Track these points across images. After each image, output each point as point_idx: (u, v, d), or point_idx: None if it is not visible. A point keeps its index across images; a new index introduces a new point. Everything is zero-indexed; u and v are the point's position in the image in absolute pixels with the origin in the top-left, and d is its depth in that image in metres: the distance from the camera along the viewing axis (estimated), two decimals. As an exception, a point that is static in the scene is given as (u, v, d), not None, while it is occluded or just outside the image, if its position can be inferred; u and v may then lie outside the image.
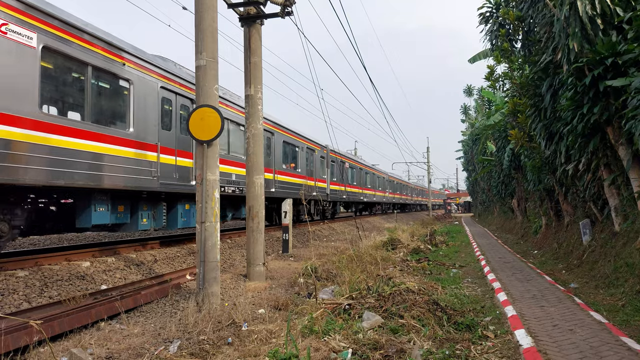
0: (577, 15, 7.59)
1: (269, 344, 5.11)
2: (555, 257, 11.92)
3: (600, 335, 5.06)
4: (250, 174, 10.01)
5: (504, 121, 18.35)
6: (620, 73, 7.30)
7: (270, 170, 16.67)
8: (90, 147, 8.62)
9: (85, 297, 7.19)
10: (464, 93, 49.84)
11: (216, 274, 7.07)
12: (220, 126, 7.06)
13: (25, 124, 7.28)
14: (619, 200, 8.99)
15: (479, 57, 22.33)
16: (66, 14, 8.29)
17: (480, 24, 13.88)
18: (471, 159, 38.57)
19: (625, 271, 7.54)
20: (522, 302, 6.78)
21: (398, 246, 14.79)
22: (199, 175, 7.14)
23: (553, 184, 13.72)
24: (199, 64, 7.27)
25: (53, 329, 5.70)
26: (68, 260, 9.14)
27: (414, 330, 5.25)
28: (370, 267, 9.30)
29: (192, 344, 5.28)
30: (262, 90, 10.13)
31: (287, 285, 9.19)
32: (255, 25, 10.02)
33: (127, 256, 10.35)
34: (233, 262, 12.14)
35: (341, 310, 6.06)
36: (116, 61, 9.43)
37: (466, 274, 10.10)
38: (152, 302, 7.61)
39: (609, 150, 8.74)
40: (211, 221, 7.03)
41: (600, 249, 9.32)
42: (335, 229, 22.80)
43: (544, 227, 15.83)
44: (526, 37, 11.96)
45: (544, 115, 10.47)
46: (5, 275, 7.53)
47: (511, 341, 5.14)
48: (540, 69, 10.18)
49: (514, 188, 22.24)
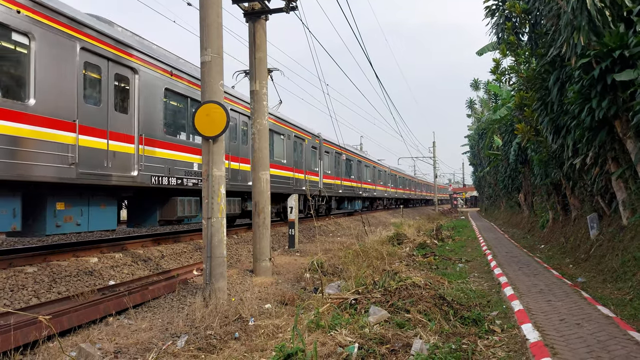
0: (584, 7, 7.50)
1: (275, 339, 5.14)
2: (562, 252, 11.87)
3: (608, 329, 5.04)
4: (256, 170, 10.03)
5: (510, 115, 18.22)
6: (629, 66, 7.21)
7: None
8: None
9: (94, 293, 7.25)
10: (471, 87, 49.54)
11: (223, 269, 7.10)
12: (226, 122, 7.06)
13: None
14: (627, 193, 8.92)
15: (487, 49, 22.18)
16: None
17: (486, 17, 13.76)
18: (477, 153, 38.35)
19: (633, 265, 7.50)
20: (528, 297, 6.76)
21: (404, 241, 14.77)
22: (205, 171, 7.17)
23: (560, 178, 13.63)
24: (204, 60, 7.28)
25: (62, 324, 5.76)
26: (76, 256, 9.21)
27: (420, 325, 5.25)
28: (376, 262, 9.30)
29: (199, 339, 5.32)
30: (267, 86, 10.13)
31: (293, 280, 9.22)
32: (259, 21, 10.00)
33: (135, 252, 10.42)
34: (239, 258, 12.19)
35: (347, 305, 6.07)
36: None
37: (473, 269, 10.08)
38: (159, 298, 7.67)
39: (616, 143, 8.67)
40: (217, 217, 7.05)
41: (608, 242, 9.26)
42: (341, 224, 22.81)
43: (551, 222, 15.75)
44: (533, 29, 11.84)
45: (551, 108, 10.39)
46: (15, 271, 7.61)
47: (518, 335, 5.13)
48: (547, 62, 10.09)
49: (521, 182, 22.11)
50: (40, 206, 8.13)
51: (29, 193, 7.95)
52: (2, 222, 7.26)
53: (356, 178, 30.25)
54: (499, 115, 20.44)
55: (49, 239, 13.71)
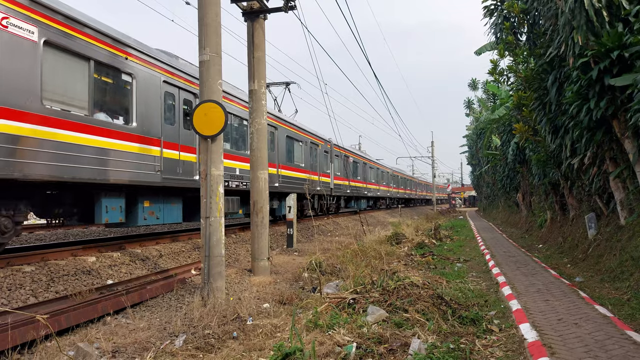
0: (582, 7, 7.51)
1: (274, 338, 5.14)
2: (560, 251, 11.89)
3: (606, 329, 5.05)
4: (254, 169, 10.03)
5: (508, 115, 18.26)
6: (627, 66, 7.23)
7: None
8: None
9: (92, 292, 7.24)
10: (469, 87, 49.55)
11: (221, 268, 7.10)
12: (224, 121, 7.06)
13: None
14: (625, 193, 8.94)
15: (485, 49, 22.19)
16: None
17: (484, 17, 13.78)
18: (476, 153, 38.41)
19: (630, 265, 7.51)
20: (526, 296, 6.77)
21: (402, 241, 14.77)
22: (203, 170, 7.16)
23: (558, 178, 13.65)
24: (202, 59, 7.28)
25: (60, 324, 5.75)
26: (74, 255, 9.19)
27: (418, 324, 5.26)
28: (374, 262, 9.30)
29: (197, 338, 5.31)
30: (266, 85, 10.13)
31: (291, 279, 9.21)
32: (258, 20, 10.00)
33: (133, 251, 10.41)
34: (238, 257, 12.19)
35: (346, 304, 6.07)
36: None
37: (471, 268, 10.09)
38: (157, 297, 7.66)
39: (614, 143, 8.69)
40: (216, 216, 7.05)
41: (606, 242, 9.28)
42: (339, 224, 22.82)
43: (549, 221, 15.77)
44: (531, 29, 11.86)
45: (549, 108, 10.41)
46: (12, 270, 7.59)
47: (516, 335, 5.14)
48: (546, 62, 10.10)
49: (519, 182, 22.16)
50: (134, 204, 10.22)
51: (128, 194, 10.08)
52: (114, 216, 9.52)
53: (362, 179, 31.93)
54: (497, 115, 20.49)
55: (46, 237, 13.70)
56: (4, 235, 7.66)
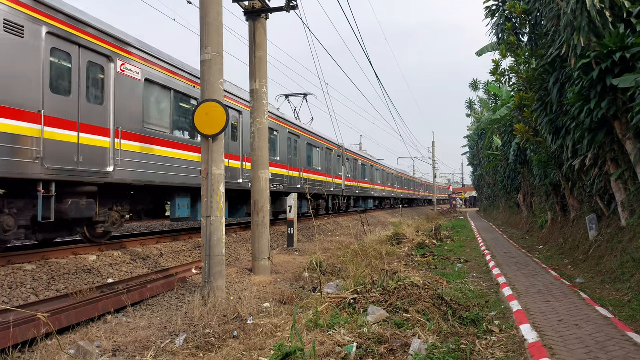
0: (584, 8, 7.50)
1: (274, 338, 5.14)
2: (561, 252, 11.88)
3: (606, 331, 5.05)
4: (255, 169, 10.03)
5: (510, 115, 18.23)
6: (628, 67, 7.22)
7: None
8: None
9: (92, 291, 7.25)
10: (470, 87, 49.48)
11: (222, 268, 7.10)
12: (226, 121, 7.07)
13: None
14: (626, 195, 8.93)
15: (487, 50, 22.16)
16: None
17: (486, 18, 13.77)
18: (477, 153, 38.37)
19: (631, 266, 7.51)
20: (527, 297, 6.77)
21: (403, 241, 14.78)
22: (204, 169, 7.16)
23: (559, 179, 13.64)
24: (204, 59, 7.28)
25: (60, 322, 5.76)
26: (75, 254, 9.20)
27: (419, 325, 5.26)
28: (375, 262, 9.30)
29: (198, 337, 5.32)
30: (267, 85, 10.13)
31: (292, 279, 9.21)
32: (260, 20, 10.00)
33: (134, 250, 10.42)
34: (238, 257, 12.19)
35: (346, 304, 6.07)
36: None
37: (471, 269, 10.08)
38: (158, 296, 7.67)
39: (616, 144, 8.67)
40: (217, 215, 7.05)
41: (607, 244, 9.27)
42: (340, 224, 22.82)
43: (549, 222, 15.76)
44: (533, 30, 11.85)
45: (551, 109, 10.39)
46: (13, 268, 7.60)
47: (516, 336, 5.14)
48: (547, 62, 10.09)
49: (520, 183, 22.13)
50: (195, 202, 12.02)
51: (193, 195, 11.90)
52: (183, 211, 11.68)
53: (369, 180, 33.84)
54: (498, 116, 20.45)
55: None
56: (114, 225, 10.00)
